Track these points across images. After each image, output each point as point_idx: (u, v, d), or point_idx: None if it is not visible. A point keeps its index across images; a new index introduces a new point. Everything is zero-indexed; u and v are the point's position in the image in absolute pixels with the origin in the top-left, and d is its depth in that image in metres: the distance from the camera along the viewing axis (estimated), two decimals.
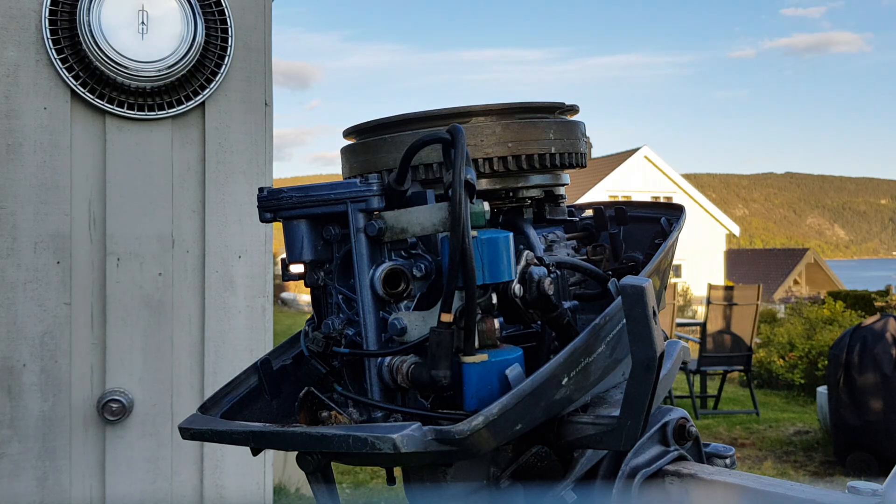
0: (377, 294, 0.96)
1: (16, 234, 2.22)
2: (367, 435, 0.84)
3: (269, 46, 2.50)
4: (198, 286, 2.40)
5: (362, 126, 1.15)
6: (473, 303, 0.90)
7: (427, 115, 1.09)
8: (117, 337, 2.31)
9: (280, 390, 1.13)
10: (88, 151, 2.30)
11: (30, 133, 2.24)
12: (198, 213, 2.40)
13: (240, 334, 2.44)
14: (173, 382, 2.37)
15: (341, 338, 1.01)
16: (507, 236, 0.93)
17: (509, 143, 1.08)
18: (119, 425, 2.31)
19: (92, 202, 2.30)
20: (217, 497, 2.41)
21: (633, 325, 0.86)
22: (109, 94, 2.27)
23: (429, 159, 1.06)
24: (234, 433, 0.98)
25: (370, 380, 0.97)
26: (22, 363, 2.22)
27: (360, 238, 0.97)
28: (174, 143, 2.37)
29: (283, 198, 1.01)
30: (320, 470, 0.99)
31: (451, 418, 0.89)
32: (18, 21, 2.23)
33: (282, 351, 1.18)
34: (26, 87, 2.23)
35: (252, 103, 2.46)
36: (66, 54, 2.24)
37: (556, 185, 1.17)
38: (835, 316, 11.53)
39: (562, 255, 1.14)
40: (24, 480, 2.22)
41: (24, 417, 2.22)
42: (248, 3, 2.45)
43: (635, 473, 1.02)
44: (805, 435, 7.64)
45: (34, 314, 2.23)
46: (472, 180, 0.89)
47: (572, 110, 1.20)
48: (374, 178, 0.98)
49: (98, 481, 2.30)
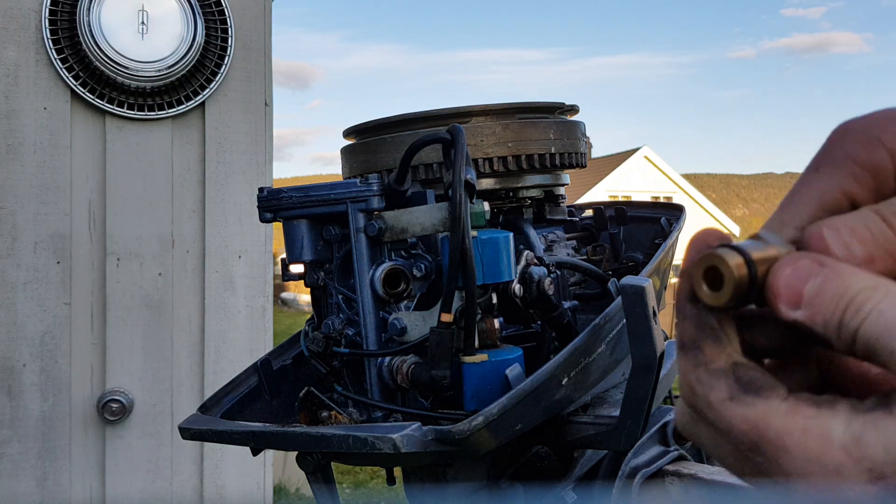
0: (377, 294, 0.97)
1: (16, 234, 2.22)
2: (367, 435, 0.84)
3: (269, 46, 2.50)
4: (198, 286, 2.40)
5: (362, 126, 1.15)
6: (473, 303, 0.90)
7: (427, 115, 1.09)
8: (117, 337, 2.31)
9: (280, 390, 1.13)
10: (88, 151, 2.30)
11: (30, 133, 2.24)
12: (198, 213, 2.40)
13: (240, 334, 2.44)
14: (173, 382, 2.37)
15: (341, 338, 1.01)
16: (507, 236, 0.93)
17: (509, 143, 1.08)
18: (119, 425, 2.31)
19: (92, 202, 2.30)
20: (217, 497, 2.41)
21: (633, 325, 0.86)
22: (109, 94, 2.27)
23: (429, 159, 1.06)
24: (234, 433, 0.98)
25: (370, 380, 0.97)
26: (22, 363, 2.22)
27: (360, 238, 0.97)
28: (174, 143, 2.37)
29: (283, 198, 1.01)
30: (320, 470, 0.99)
31: (451, 418, 0.89)
32: (18, 21, 2.23)
33: (282, 351, 1.18)
34: (26, 87, 2.23)
35: (252, 103, 2.46)
36: (66, 54, 2.24)
37: (556, 185, 1.17)
38: None
39: (562, 255, 1.14)
40: (24, 480, 2.22)
41: (24, 417, 2.22)
42: (248, 3, 2.45)
43: (635, 473, 1.02)
44: None
45: (34, 314, 2.23)
46: (472, 180, 0.89)
47: (572, 110, 1.20)
48: (374, 178, 0.98)
49: (98, 481, 2.30)
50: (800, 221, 0.37)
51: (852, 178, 0.37)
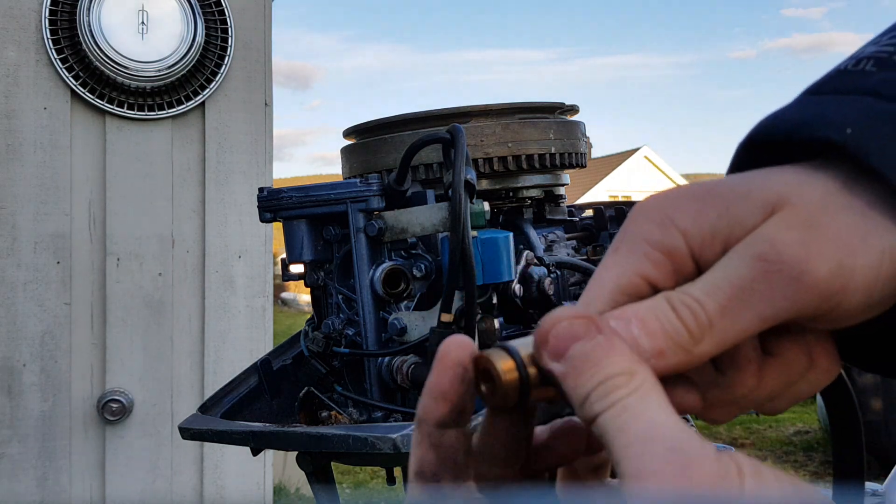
0: (377, 294, 0.97)
1: (16, 234, 2.22)
2: (367, 435, 0.84)
3: (269, 46, 2.50)
4: (198, 286, 2.40)
5: (362, 126, 1.15)
6: (473, 303, 0.90)
7: (427, 115, 1.09)
8: (117, 337, 2.31)
9: (280, 390, 1.13)
10: (88, 151, 2.30)
11: (30, 133, 2.24)
12: (198, 213, 2.40)
13: (240, 334, 2.44)
14: (173, 382, 2.37)
15: (341, 338, 1.01)
16: (507, 236, 0.93)
17: (509, 143, 1.08)
18: (119, 425, 2.31)
19: (92, 202, 2.30)
20: (217, 497, 2.41)
21: None
22: (109, 94, 2.27)
23: (429, 159, 1.06)
24: (234, 433, 0.98)
25: (370, 380, 0.97)
26: (22, 363, 2.22)
27: (360, 238, 0.97)
28: (174, 143, 2.37)
29: (283, 198, 1.01)
30: (320, 470, 0.99)
31: None
32: (18, 21, 2.23)
33: (282, 351, 1.18)
34: (26, 87, 2.23)
35: (252, 103, 2.46)
36: (66, 54, 2.24)
37: (556, 185, 1.17)
38: None
39: (562, 255, 1.14)
40: (24, 480, 2.22)
41: (24, 417, 2.22)
42: (248, 3, 2.45)
43: None
44: (805, 435, 7.64)
45: (34, 314, 2.23)
46: (472, 180, 0.89)
47: (572, 110, 1.20)
48: (374, 178, 0.98)
49: (98, 481, 2.30)
50: (601, 306, 0.35)
51: (648, 260, 0.36)
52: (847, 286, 0.34)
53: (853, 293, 0.34)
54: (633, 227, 0.36)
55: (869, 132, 0.34)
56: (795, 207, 0.34)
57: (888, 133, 0.34)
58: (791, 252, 0.33)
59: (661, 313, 0.34)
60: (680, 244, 0.35)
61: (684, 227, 0.35)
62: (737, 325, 0.34)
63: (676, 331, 0.34)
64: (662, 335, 0.34)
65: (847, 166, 0.35)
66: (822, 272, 0.33)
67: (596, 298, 0.36)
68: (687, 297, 0.34)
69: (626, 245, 0.36)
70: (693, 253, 0.35)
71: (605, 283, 0.36)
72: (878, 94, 0.36)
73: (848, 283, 0.34)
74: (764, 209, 0.35)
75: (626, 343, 0.33)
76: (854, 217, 0.34)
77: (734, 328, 0.34)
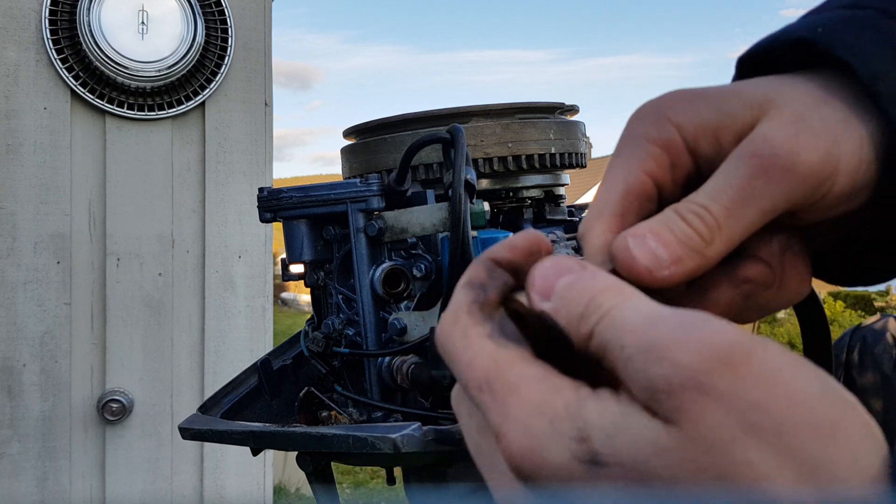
0: (377, 294, 0.97)
1: (16, 234, 2.22)
2: (367, 435, 0.84)
3: (269, 47, 2.50)
4: (198, 286, 2.40)
5: (362, 126, 1.15)
6: None
7: (427, 115, 1.09)
8: (117, 337, 2.31)
9: (280, 390, 1.13)
10: (88, 151, 2.30)
11: (30, 133, 2.24)
12: (198, 212, 2.40)
13: (240, 334, 2.44)
14: (173, 382, 2.37)
15: (341, 338, 1.01)
16: (506, 236, 0.93)
17: (509, 143, 1.08)
18: (119, 425, 2.31)
19: (92, 202, 2.30)
20: (217, 497, 2.41)
21: None
22: (109, 94, 2.27)
23: (429, 159, 1.06)
24: (234, 433, 0.98)
25: (370, 380, 0.97)
26: (22, 363, 2.22)
27: (360, 238, 0.97)
28: (174, 143, 2.37)
29: (283, 198, 1.01)
30: (320, 470, 0.99)
31: (451, 418, 0.89)
32: (18, 21, 2.23)
33: (282, 351, 1.18)
34: (26, 87, 2.23)
35: (252, 103, 2.46)
36: (66, 54, 2.24)
37: (556, 185, 1.17)
38: (835, 316, 11.53)
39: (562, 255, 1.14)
40: (24, 480, 2.22)
41: (24, 417, 2.22)
42: (248, 3, 2.45)
43: None
44: None
45: (34, 314, 2.23)
46: (472, 180, 0.89)
47: (572, 110, 1.20)
48: (374, 178, 0.98)
49: (98, 481, 2.30)
50: (612, 209, 0.38)
51: (649, 156, 0.38)
52: (835, 172, 0.37)
53: (841, 179, 0.37)
54: (631, 129, 0.39)
55: (837, 30, 0.38)
56: (781, 107, 0.37)
57: (854, 32, 0.38)
58: (783, 146, 0.36)
59: (673, 223, 0.36)
60: (675, 137, 0.38)
61: (678, 121, 0.38)
62: (742, 221, 0.37)
63: (689, 237, 0.36)
64: (677, 243, 0.36)
65: (827, 73, 0.39)
66: (813, 160, 0.36)
67: (607, 203, 0.39)
68: (693, 205, 0.37)
69: (626, 146, 0.39)
70: (688, 145, 0.38)
71: (613, 187, 0.39)
72: (851, 6, 0.40)
73: (836, 169, 0.37)
74: (752, 106, 0.38)
75: (656, 266, 0.35)
76: (834, 110, 0.37)
77: (740, 225, 0.37)
